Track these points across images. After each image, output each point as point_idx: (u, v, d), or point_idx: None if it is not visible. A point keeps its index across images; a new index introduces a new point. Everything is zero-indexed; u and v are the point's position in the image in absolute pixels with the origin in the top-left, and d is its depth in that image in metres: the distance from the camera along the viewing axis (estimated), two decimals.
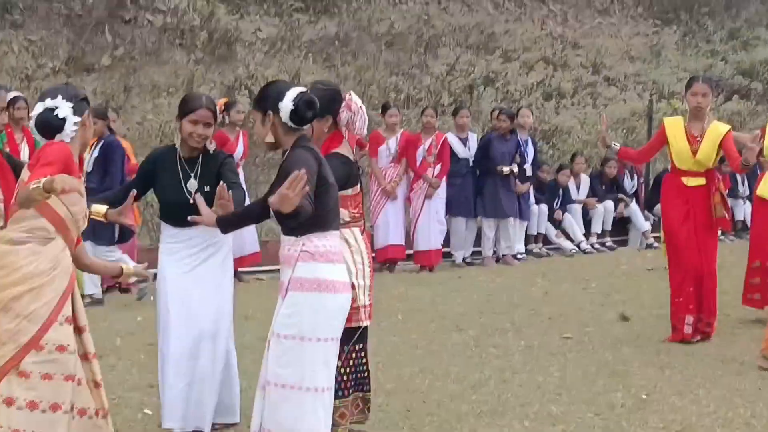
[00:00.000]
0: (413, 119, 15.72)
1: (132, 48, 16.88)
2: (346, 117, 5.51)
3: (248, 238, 11.73)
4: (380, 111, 13.25)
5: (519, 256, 13.82)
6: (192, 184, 5.71)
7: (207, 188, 5.63)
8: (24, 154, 10.32)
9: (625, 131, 18.48)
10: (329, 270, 4.75)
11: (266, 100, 4.87)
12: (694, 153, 8.35)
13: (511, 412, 6.43)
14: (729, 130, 8.40)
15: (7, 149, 10.13)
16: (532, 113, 14.53)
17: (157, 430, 6.02)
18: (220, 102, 6.48)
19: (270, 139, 4.85)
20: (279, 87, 4.93)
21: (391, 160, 12.81)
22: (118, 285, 10.97)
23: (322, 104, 5.09)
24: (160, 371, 5.83)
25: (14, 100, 10.39)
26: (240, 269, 11.61)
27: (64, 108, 4.62)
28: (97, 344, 7.92)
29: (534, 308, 10.06)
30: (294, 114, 4.77)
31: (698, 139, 8.32)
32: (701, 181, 8.42)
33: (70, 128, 4.62)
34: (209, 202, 5.26)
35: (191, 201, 5.49)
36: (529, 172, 13.78)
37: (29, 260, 4.45)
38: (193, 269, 5.75)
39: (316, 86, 5.52)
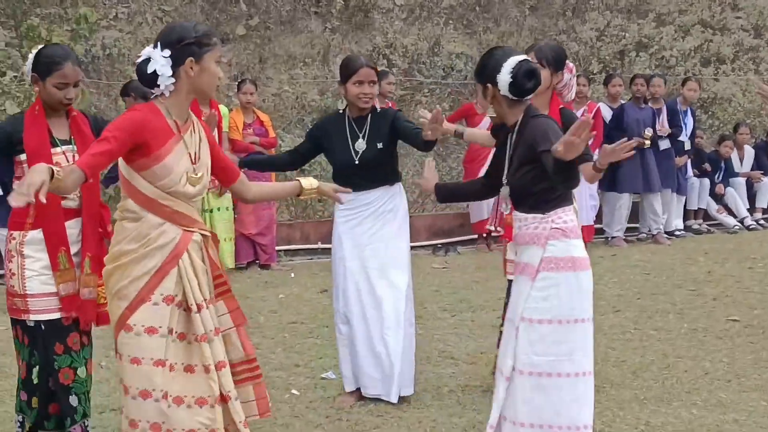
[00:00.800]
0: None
1: (267, 17, 16.59)
2: (567, 79, 5.72)
3: None
4: None
5: (677, 232, 13.23)
6: (360, 144, 5.81)
7: (380, 145, 5.79)
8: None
9: None
10: (580, 246, 4.57)
11: (484, 71, 4.61)
12: None
13: (677, 399, 6.11)
14: None
15: None
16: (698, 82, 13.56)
17: (305, 411, 5.96)
18: None
19: (491, 112, 4.70)
20: (496, 57, 4.58)
21: None
22: (257, 261, 10.91)
23: (560, 58, 5.46)
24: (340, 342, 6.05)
25: None
26: None
27: (157, 58, 4.08)
28: None
29: (696, 289, 9.55)
30: (512, 86, 4.48)
31: None
32: None
33: (165, 83, 4.08)
34: (382, 158, 5.78)
35: (357, 162, 5.78)
36: (688, 146, 13.15)
37: (117, 239, 4.22)
38: (370, 239, 5.88)
39: (547, 43, 5.69)
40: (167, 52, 4.03)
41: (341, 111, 6.00)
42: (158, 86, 4.06)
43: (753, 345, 7.37)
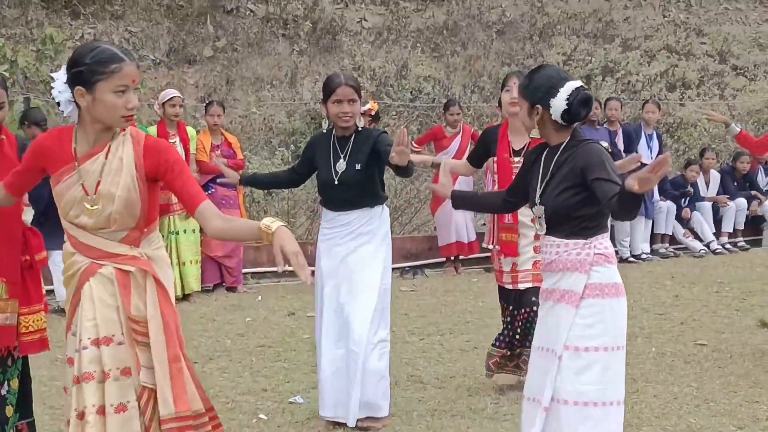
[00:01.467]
0: None
1: (234, 39, 16.58)
2: None
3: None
4: (497, 104, 12.54)
5: (644, 256, 13.26)
6: (340, 164, 5.80)
7: (358, 166, 5.75)
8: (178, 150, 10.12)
9: (755, 124, 17.53)
10: (618, 272, 4.45)
11: (536, 92, 4.40)
12: None
13: (647, 424, 6.05)
14: None
15: None
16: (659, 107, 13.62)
17: None
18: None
19: (536, 134, 4.48)
20: (552, 79, 4.40)
21: None
22: (224, 284, 10.88)
23: None
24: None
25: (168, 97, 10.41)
26: None
27: (57, 82, 3.87)
28: (206, 345, 7.94)
29: (664, 313, 9.51)
30: (566, 113, 4.34)
31: None
32: None
33: (65, 108, 3.87)
34: (361, 179, 5.74)
35: (336, 182, 5.78)
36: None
37: None
38: (345, 258, 5.85)
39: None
40: (64, 77, 3.77)
41: (328, 130, 5.98)
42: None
43: (721, 369, 7.36)
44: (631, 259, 12.97)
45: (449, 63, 17.47)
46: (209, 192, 10.56)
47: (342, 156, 5.79)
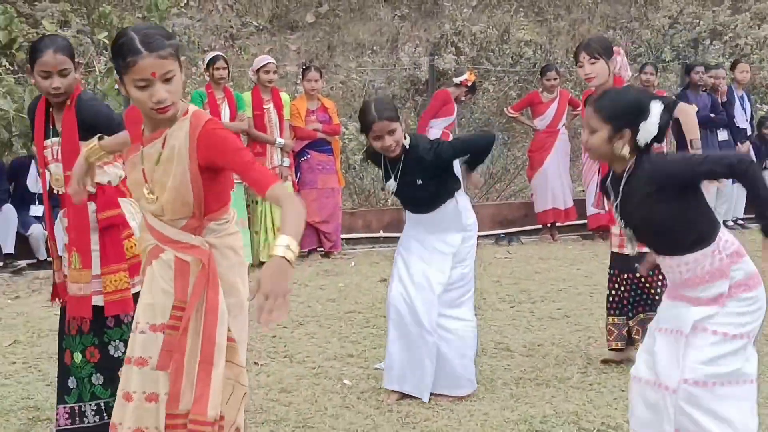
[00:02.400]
0: (633, 77, 14.72)
1: (336, 5, 16.61)
2: (619, 61, 5.98)
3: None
4: None
5: (740, 221, 13.04)
6: (390, 184, 5.80)
7: (419, 181, 5.72)
8: (225, 114, 10.20)
9: None
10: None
11: (624, 115, 4.01)
12: None
13: None
14: None
15: (207, 111, 10.02)
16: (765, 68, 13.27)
17: (355, 401, 5.86)
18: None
19: (616, 160, 4.08)
20: (640, 100, 4.05)
21: None
22: (320, 249, 10.95)
23: (607, 46, 5.99)
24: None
25: (214, 59, 10.34)
26: None
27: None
28: (297, 311, 8.08)
29: None
30: (655, 136, 4.01)
31: None
32: None
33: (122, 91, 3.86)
34: (426, 190, 5.71)
35: (399, 195, 5.90)
36: (749, 131, 12.93)
37: None
38: (431, 249, 5.89)
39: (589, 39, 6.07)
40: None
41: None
42: None
43: None
44: (731, 224, 12.72)
45: (552, 27, 17.25)
46: (305, 158, 10.63)
47: (393, 176, 5.73)
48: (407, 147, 5.65)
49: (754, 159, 11.37)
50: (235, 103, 10.35)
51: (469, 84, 11.58)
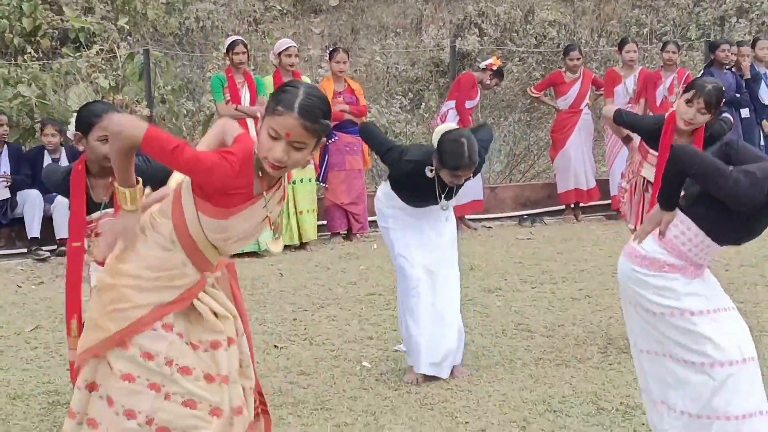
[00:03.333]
0: (656, 55, 14.63)
1: None
2: None
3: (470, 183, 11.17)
4: (617, 47, 12.30)
5: None
6: (445, 203, 5.87)
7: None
8: (245, 98, 10.23)
9: None
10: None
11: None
12: None
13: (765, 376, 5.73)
14: None
15: (228, 95, 10.04)
16: None
17: (374, 383, 5.90)
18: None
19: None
20: None
21: (628, 101, 11.82)
22: (343, 232, 10.98)
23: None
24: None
25: (233, 44, 10.36)
26: (466, 216, 11.40)
27: None
28: (318, 294, 8.18)
29: None
30: None
31: None
32: None
33: None
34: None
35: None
36: None
37: (134, 257, 3.75)
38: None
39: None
40: None
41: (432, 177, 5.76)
42: None
43: None
44: None
45: (576, 7, 17.13)
46: (333, 140, 10.62)
47: (444, 196, 5.78)
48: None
49: None
50: (255, 87, 10.36)
51: (494, 68, 11.54)
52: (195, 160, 3.43)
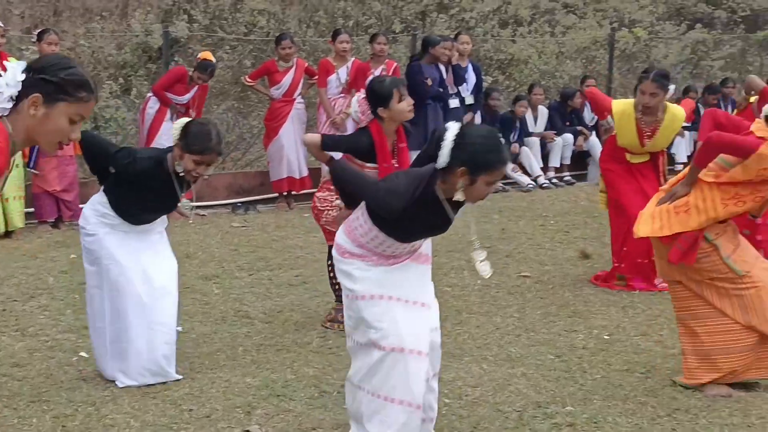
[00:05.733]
0: (362, 47, 14.97)
1: None
2: None
3: None
4: (330, 38, 12.50)
5: None
6: None
7: None
8: None
9: (584, 61, 17.88)
10: None
11: None
12: (643, 144, 7.93)
13: (469, 354, 6.22)
14: (685, 115, 7.95)
15: None
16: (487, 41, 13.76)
17: (94, 374, 5.78)
18: None
19: None
20: None
21: (340, 91, 12.06)
22: (51, 220, 10.58)
23: None
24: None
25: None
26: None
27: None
28: (27, 283, 7.84)
29: (490, 246, 9.64)
30: None
31: (649, 134, 7.87)
32: (646, 158, 8.02)
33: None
34: None
35: None
36: (470, 101, 13.22)
37: None
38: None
39: None
40: (22, 75, 3.22)
41: None
42: None
43: (542, 300, 7.61)
44: None
45: None
46: None
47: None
48: None
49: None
50: None
51: (198, 61, 11.42)
52: None
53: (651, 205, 5.69)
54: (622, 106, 7.98)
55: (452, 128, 4.13)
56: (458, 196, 4.15)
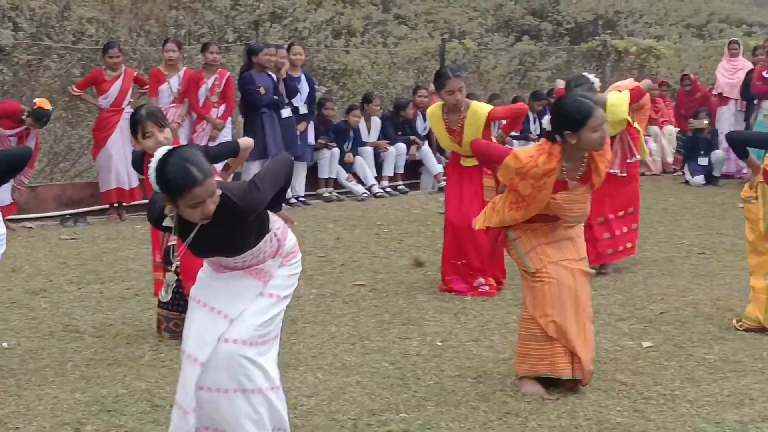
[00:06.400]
0: (194, 57, 14.83)
1: None
2: None
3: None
4: (161, 46, 12.36)
5: (300, 199, 13.33)
6: None
7: None
8: None
9: (416, 71, 18.13)
10: None
11: None
12: (459, 143, 8.14)
13: (304, 363, 6.22)
14: (490, 110, 8.08)
15: None
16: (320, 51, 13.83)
17: None
18: None
19: None
20: None
21: (173, 100, 11.92)
22: None
23: None
24: None
25: None
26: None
27: None
28: None
29: (325, 255, 9.77)
30: None
31: (457, 131, 8.08)
32: (475, 161, 8.13)
33: None
34: None
35: None
36: (304, 110, 13.28)
37: None
38: None
39: None
40: None
41: None
42: None
43: (377, 308, 7.65)
44: (294, 201, 13.08)
45: (114, 5, 16.97)
46: None
47: None
48: None
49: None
50: None
51: (34, 108, 10.85)
52: None
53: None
54: (432, 109, 8.27)
55: (158, 154, 4.03)
56: (167, 222, 4.17)
